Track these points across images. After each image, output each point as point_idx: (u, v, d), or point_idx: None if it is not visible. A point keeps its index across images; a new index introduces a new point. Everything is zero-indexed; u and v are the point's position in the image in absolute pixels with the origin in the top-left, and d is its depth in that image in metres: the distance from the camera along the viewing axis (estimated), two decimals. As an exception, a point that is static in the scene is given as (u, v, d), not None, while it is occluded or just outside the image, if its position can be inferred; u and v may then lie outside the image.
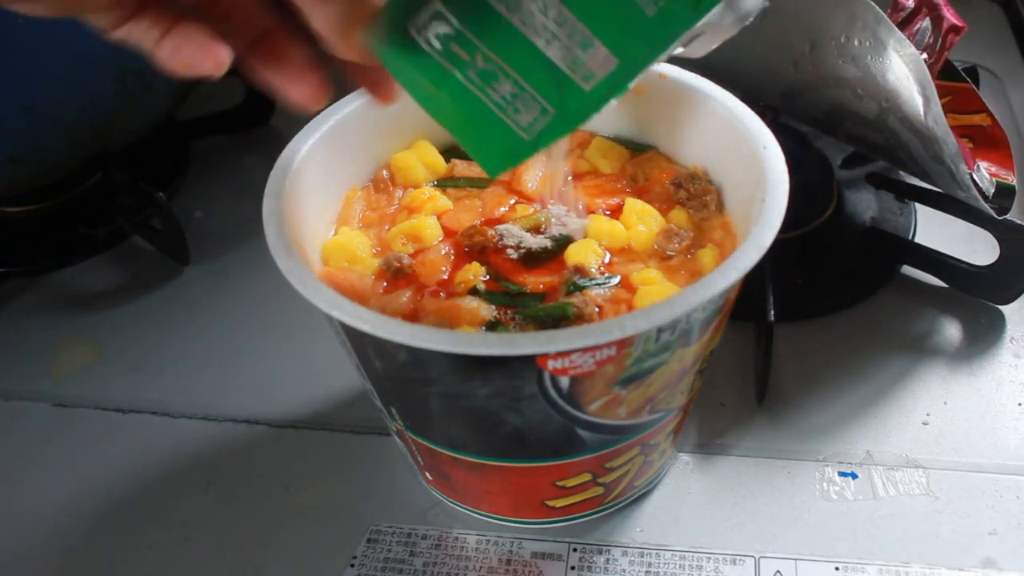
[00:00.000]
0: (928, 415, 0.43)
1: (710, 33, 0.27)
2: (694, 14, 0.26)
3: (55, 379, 0.48)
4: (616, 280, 0.34)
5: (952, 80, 0.48)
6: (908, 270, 0.50)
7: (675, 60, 0.39)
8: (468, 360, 0.28)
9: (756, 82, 0.49)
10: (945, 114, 0.39)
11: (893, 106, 0.42)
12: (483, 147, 0.29)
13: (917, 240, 0.51)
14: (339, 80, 0.30)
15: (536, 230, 0.36)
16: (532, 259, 0.35)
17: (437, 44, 0.28)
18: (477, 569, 0.38)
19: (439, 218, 0.37)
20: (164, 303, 0.53)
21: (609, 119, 0.41)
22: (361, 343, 0.31)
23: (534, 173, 0.39)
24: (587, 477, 0.35)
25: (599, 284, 0.33)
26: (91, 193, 0.58)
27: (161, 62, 0.27)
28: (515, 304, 0.33)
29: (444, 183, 0.39)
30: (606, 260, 0.35)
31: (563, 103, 0.28)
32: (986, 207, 0.42)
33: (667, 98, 0.38)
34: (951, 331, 0.47)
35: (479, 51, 0.28)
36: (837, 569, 0.37)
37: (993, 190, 0.43)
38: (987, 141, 0.47)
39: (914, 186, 0.51)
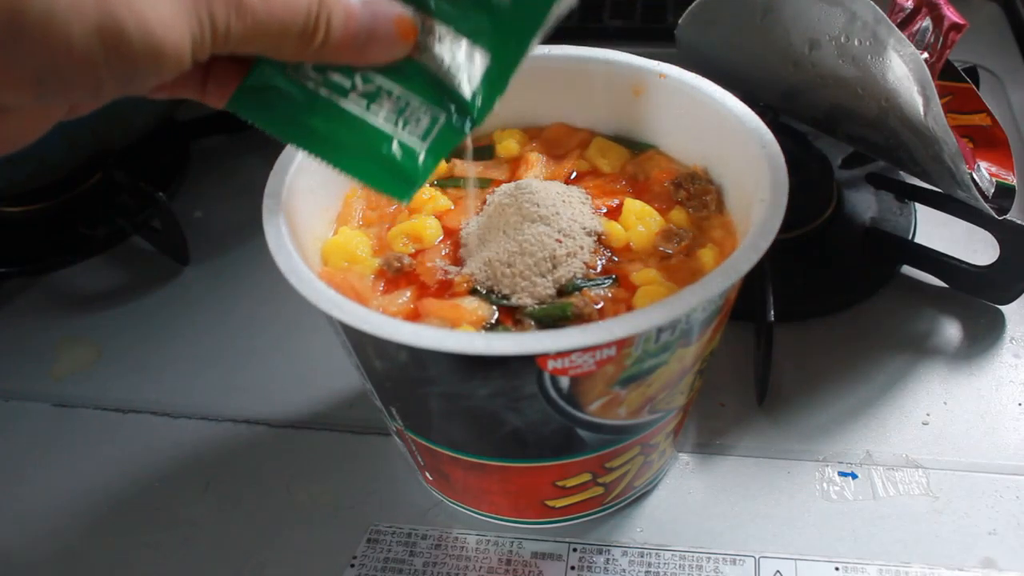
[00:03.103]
0: (928, 415, 0.43)
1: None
2: None
3: (55, 379, 0.48)
4: (613, 279, 0.34)
5: (952, 80, 0.48)
6: (908, 270, 0.50)
7: (672, 59, 0.39)
8: (468, 360, 0.28)
9: (756, 82, 0.49)
10: (945, 114, 0.39)
11: (893, 106, 0.42)
12: (387, 173, 0.29)
13: (917, 240, 0.51)
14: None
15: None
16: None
17: (316, 76, 0.28)
18: (477, 569, 0.38)
19: (439, 218, 0.37)
20: (164, 303, 0.53)
21: (609, 118, 0.41)
22: (361, 343, 0.31)
23: (536, 172, 0.39)
24: (587, 477, 0.35)
25: (598, 284, 0.33)
26: (91, 193, 0.58)
27: (211, 104, 0.29)
28: (515, 304, 0.33)
29: (444, 183, 0.39)
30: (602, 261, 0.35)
31: (451, 107, 0.28)
32: (986, 207, 0.42)
33: (667, 98, 0.38)
34: (951, 331, 0.47)
35: (356, 72, 0.28)
36: (837, 569, 0.37)
37: (993, 190, 0.43)
38: (987, 141, 0.47)
39: (914, 186, 0.51)
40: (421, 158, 0.28)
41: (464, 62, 0.28)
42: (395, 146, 0.28)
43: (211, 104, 0.29)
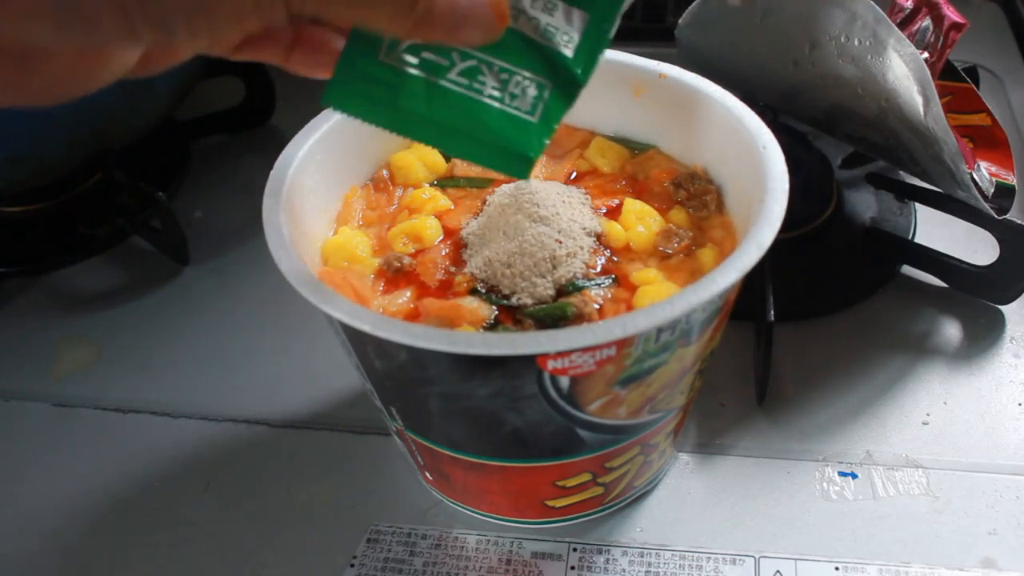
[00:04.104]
0: (928, 415, 0.43)
1: None
2: None
3: (55, 379, 0.48)
4: (613, 279, 0.34)
5: (952, 80, 0.48)
6: (908, 270, 0.50)
7: (672, 59, 0.39)
8: (468, 360, 0.28)
9: (756, 82, 0.49)
10: (945, 114, 0.39)
11: (893, 106, 0.42)
12: (500, 150, 0.28)
13: (917, 240, 0.51)
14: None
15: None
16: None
17: (412, 59, 0.27)
18: (477, 569, 0.38)
19: (439, 218, 0.37)
20: (164, 303, 0.53)
21: (609, 118, 0.41)
22: (361, 343, 0.31)
23: (535, 172, 0.39)
24: (587, 477, 0.35)
25: (598, 284, 0.33)
26: (91, 193, 0.58)
27: (293, 70, 0.28)
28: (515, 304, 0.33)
29: (444, 183, 0.39)
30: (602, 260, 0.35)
31: (555, 74, 0.27)
32: (986, 207, 0.42)
33: (667, 98, 0.38)
34: (951, 331, 0.47)
35: (453, 49, 0.27)
36: (837, 569, 0.37)
37: (993, 190, 0.43)
38: (987, 141, 0.47)
39: (914, 186, 0.51)
40: (533, 130, 0.27)
41: (563, 23, 0.27)
42: (505, 121, 0.27)
43: (295, 71, 0.27)
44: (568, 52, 0.27)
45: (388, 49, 0.27)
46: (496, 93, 0.27)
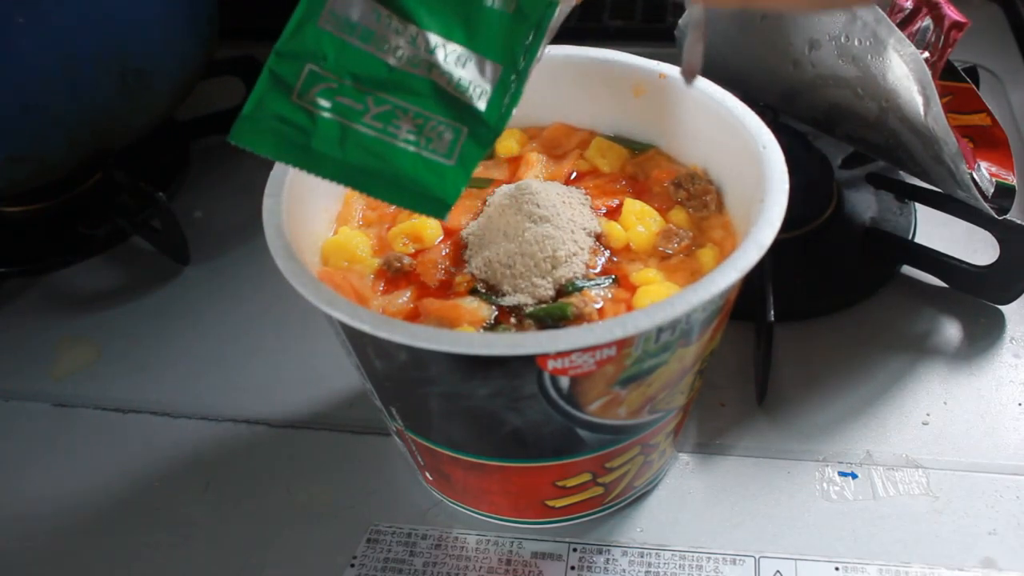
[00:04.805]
0: (928, 415, 0.43)
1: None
2: None
3: (55, 379, 0.48)
4: (613, 279, 0.34)
5: (952, 80, 0.48)
6: (908, 270, 0.50)
7: (672, 59, 0.39)
8: (468, 360, 0.28)
9: (756, 82, 0.49)
10: (945, 114, 0.39)
11: (893, 106, 0.42)
12: (416, 194, 0.28)
13: (917, 240, 0.51)
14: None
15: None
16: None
17: (325, 103, 0.27)
18: (477, 569, 0.38)
19: (439, 218, 0.37)
20: (164, 303, 0.53)
21: (609, 118, 0.41)
22: (361, 343, 0.31)
23: (536, 172, 0.39)
24: (587, 477, 0.35)
25: (598, 284, 0.33)
26: (91, 193, 0.58)
27: None
28: (515, 304, 0.33)
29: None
30: (602, 260, 0.35)
31: (470, 120, 0.28)
32: (986, 207, 0.42)
33: (667, 98, 0.38)
34: (951, 331, 0.47)
35: (367, 95, 0.27)
36: (837, 569, 0.37)
37: (993, 190, 0.43)
38: (987, 141, 0.47)
39: (914, 186, 0.51)
40: (450, 174, 0.28)
41: (475, 76, 0.28)
42: (421, 164, 0.28)
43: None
44: (481, 106, 0.28)
45: (301, 91, 0.27)
46: (412, 138, 0.28)
